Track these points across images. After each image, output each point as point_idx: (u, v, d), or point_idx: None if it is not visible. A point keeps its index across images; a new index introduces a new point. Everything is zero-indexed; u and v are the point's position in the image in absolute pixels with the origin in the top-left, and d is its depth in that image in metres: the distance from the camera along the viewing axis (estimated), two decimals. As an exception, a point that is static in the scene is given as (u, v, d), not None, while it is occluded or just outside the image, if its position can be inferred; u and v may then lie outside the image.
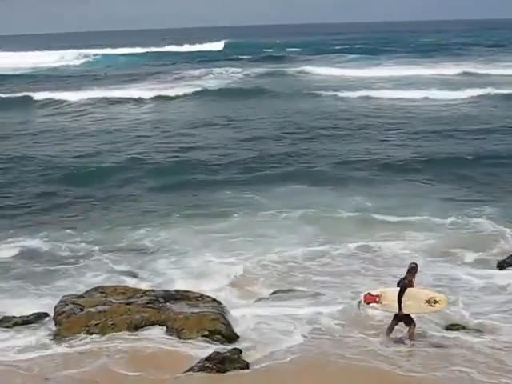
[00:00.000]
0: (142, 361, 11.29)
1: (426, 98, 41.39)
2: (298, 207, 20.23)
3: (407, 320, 11.91)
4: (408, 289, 11.72)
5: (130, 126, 35.80)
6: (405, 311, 11.80)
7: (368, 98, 42.01)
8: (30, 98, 45.46)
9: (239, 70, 61.30)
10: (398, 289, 11.78)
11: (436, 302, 11.86)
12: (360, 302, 12.07)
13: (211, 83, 52.21)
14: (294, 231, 18.45)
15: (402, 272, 12.24)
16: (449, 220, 18.82)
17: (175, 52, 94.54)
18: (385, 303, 11.93)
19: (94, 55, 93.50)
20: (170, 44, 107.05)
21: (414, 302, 11.78)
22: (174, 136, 32.20)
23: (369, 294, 12.06)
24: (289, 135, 31.54)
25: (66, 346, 11.83)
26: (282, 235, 18.12)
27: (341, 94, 43.40)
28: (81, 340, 12.00)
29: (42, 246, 17.82)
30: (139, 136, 32.48)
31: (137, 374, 10.82)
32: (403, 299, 11.71)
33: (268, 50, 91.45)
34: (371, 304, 12.03)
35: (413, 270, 11.90)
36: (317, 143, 29.65)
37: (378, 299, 11.95)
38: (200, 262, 16.30)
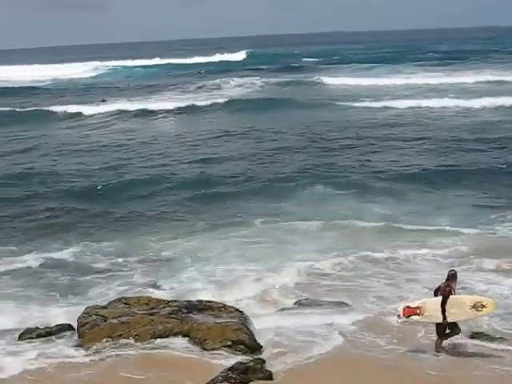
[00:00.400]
0: (165, 371, 11.25)
1: (446, 107, 40.96)
2: (322, 216, 20.20)
3: (451, 328, 11.65)
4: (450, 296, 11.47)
5: (156, 136, 35.91)
6: (449, 319, 11.53)
7: (388, 107, 41.49)
8: (55, 111, 45.47)
9: (259, 80, 61.29)
10: (438, 298, 11.55)
11: (483, 306, 11.58)
12: (399, 316, 11.83)
13: (232, 94, 52.32)
14: (317, 240, 18.36)
15: (428, 280, 12.12)
16: (474, 228, 18.71)
17: (196, 63, 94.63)
18: (426, 314, 11.66)
19: (114, 66, 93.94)
20: (192, 55, 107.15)
21: (459, 309, 11.54)
22: (198, 146, 32.23)
23: (408, 306, 11.77)
24: (311, 143, 31.51)
25: (88, 356, 11.83)
26: (305, 243, 18.05)
27: (361, 104, 43.12)
28: (103, 350, 11.98)
29: (68, 256, 17.93)
30: (165, 147, 32.63)
31: (160, 384, 10.77)
32: (446, 307, 11.45)
33: (289, 60, 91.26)
34: (411, 317, 11.74)
35: (453, 277, 11.70)
36: (339, 152, 29.51)
37: (418, 311, 11.65)
38: (223, 272, 16.26)
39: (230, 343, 11.91)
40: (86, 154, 31.71)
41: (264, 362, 11.33)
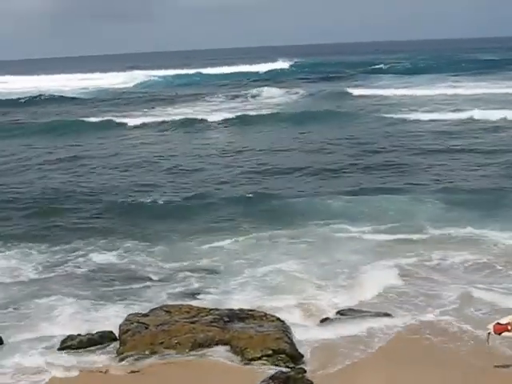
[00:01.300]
0: (206, 380, 11.22)
1: (485, 119, 39.52)
2: (369, 222, 20.15)
3: None
4: None
5: (208, 147, 36.08)
6: None
7: (433, 120, 40.15)
8: (113, 121, 45.65)
9: (302, 90, 61.27)
10: None
11: None
12: (489, 334, 11.45)
13: (275, 104, 52.32)
14: (363, 246, 18.25)
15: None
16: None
17: (240, 72, 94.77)
18: None
19: (162, 76, 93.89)
20: (238, 63, 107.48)
21: None
22: (251, 157, 31.99)
23: (498, 323, 11.36)
24: (361, 153, 31.25)
25: (128, 365, 11.86)
26: (352, 250, 17.95)
27: (403, 116, 42.05)
28: (144, 358, 11.99)
29: (112, 262, 18.07)
30: (216, 156, 32.88)
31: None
32: None
33: (332, 69, 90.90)
34: (503, 334, 11.34)
35: None
36: (385, 162, 29.06)
37: (509, 327, 11.27)
38: (266, 280, 16.13)
39: (270, 352, 11.83)
40: (143, 163, 31.66)
41: (305, 371, 11.24)
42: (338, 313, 14.05)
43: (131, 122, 45.20)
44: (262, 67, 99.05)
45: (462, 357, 11.94)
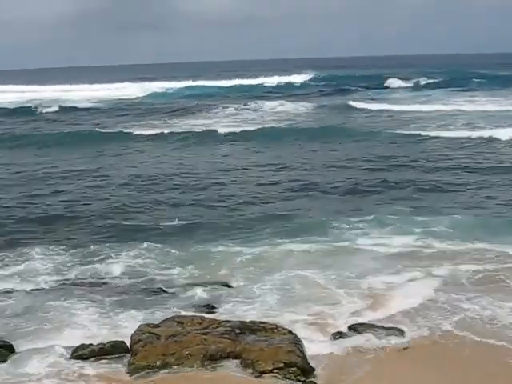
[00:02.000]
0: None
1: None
2: (391, 235, 20.10)
3: None
4: None
5: (223, 158, 36.33)
6: None
7: (453, 138, 39.47)
8: (130, 133, 45.88)
9: (312, 104, 61.37)
10: None
11: None
12: None
13: (280, 118, 52.43)
14: (383, 259, 18.20)
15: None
16: None
17: (258, 84, 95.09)
18: None
19: (180, 88, 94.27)
20: (252, 76, 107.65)
21: None
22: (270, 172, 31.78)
23: None
24: (380, 170, 30.94)
25: (141, 376, 11.83)
26: (371, 263, 17.91)
27: (419, 132, 41.42)
28: (155, 369, 11.97)
29: (128, 270, 18.15)
30: (230, 168, 32.96)
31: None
32: None
33: (344, 83, 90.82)
34: None
35: None
36: (406, 179, 28.66)
37: None
38: (278, 292, 16.07)
39: (282, 365, 11.75)
40: (160, 176, 31.57)
41: (316, 385, 11.20)
42: (351, 327, 13.97)
43: (145, 132, 45.52)
44: (278, 79, 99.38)
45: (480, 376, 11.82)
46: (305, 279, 16.89)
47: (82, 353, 12.80)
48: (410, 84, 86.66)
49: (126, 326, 14.18)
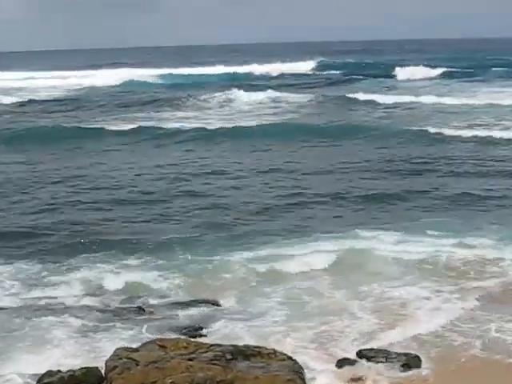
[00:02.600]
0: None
1: None
2: (413, 246, 20.17)
3: None
4: None
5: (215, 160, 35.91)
6: None
7: (478, 137, 38.90)
8: (102, 129, 45.39)
9: (319, 95, 61.29)
10: None
11: None
12: None
13: (282, 112, 52.43)
14: (405, 272, 18.30)
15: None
16: None
17: (254, 73, 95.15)
18: None
19: (161, 75, 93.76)
20: (252, 62, 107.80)
21: None
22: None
23: None
24: (400, 175, 30.71)
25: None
26: (395, 276, 18.06)
27: (439, 130, 40.89)
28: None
29: (107, 284, 18.15)
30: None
31: None
32: None
33: (353, 71, 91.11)
34: None
35: None
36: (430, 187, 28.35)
37: None
38: (278, 310, 16.11)
39: (280, 396, 11.75)
40: (149, 180, 31.38)
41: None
42: (361, 353, 13.92)
43: (120, 127, 45.23)
44: (283, 67, 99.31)
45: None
46: (310, 293, 16.89)
47: (48, 381, 12.67)
48: (426, 73, 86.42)
49: (100, 349, 14.13)
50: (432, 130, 40.90)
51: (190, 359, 12.65)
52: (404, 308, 16.07)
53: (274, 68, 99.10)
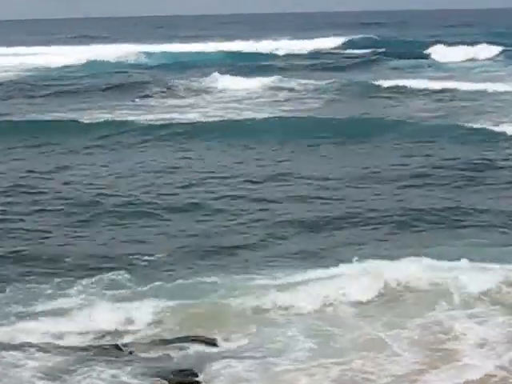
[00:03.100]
0: None
1: None
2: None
3: None
4: None
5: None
6: None
7: None
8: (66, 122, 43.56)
9: (341, 81, 59.05)
10: None
11: None
12: None
13: (300, 102, 51.32)
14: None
15: None
16: None
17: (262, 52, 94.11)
18: None
19: (163, 52, 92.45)
20: (260, 38, 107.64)
21: None
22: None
23: None
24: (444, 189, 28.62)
25: None
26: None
27: (484, 126, 38.65)
28: None
29: (83, 313, 17.45)
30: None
31: None
32: None
33: (382, 49, 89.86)
34: None
35: None
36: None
37: None
38: (286, 348, 15.49)
39: None
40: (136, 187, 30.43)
41: None
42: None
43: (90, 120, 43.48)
44: (306, 44, 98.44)
45: None
46: (333, 323, 16.49)
47: None
48: (474, 52, 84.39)
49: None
50: (489, 127, 38.55)
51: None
52: (456, 343, 15.57)
53: (285, 45, 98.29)
